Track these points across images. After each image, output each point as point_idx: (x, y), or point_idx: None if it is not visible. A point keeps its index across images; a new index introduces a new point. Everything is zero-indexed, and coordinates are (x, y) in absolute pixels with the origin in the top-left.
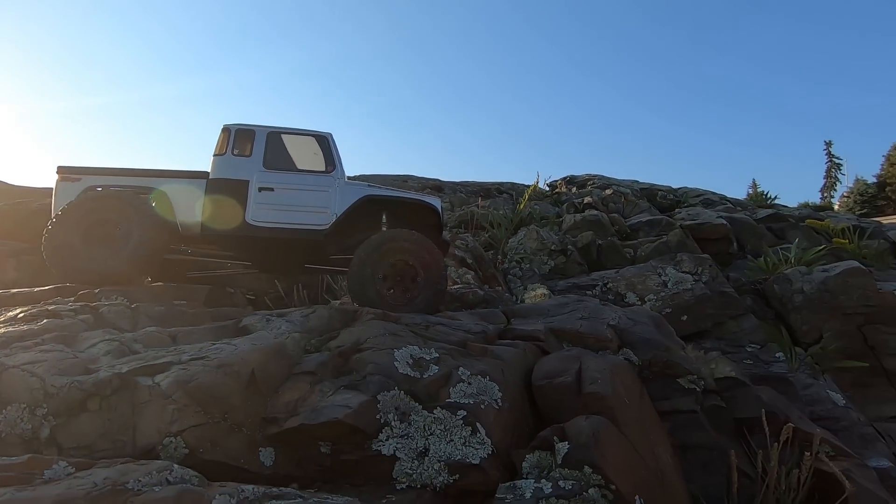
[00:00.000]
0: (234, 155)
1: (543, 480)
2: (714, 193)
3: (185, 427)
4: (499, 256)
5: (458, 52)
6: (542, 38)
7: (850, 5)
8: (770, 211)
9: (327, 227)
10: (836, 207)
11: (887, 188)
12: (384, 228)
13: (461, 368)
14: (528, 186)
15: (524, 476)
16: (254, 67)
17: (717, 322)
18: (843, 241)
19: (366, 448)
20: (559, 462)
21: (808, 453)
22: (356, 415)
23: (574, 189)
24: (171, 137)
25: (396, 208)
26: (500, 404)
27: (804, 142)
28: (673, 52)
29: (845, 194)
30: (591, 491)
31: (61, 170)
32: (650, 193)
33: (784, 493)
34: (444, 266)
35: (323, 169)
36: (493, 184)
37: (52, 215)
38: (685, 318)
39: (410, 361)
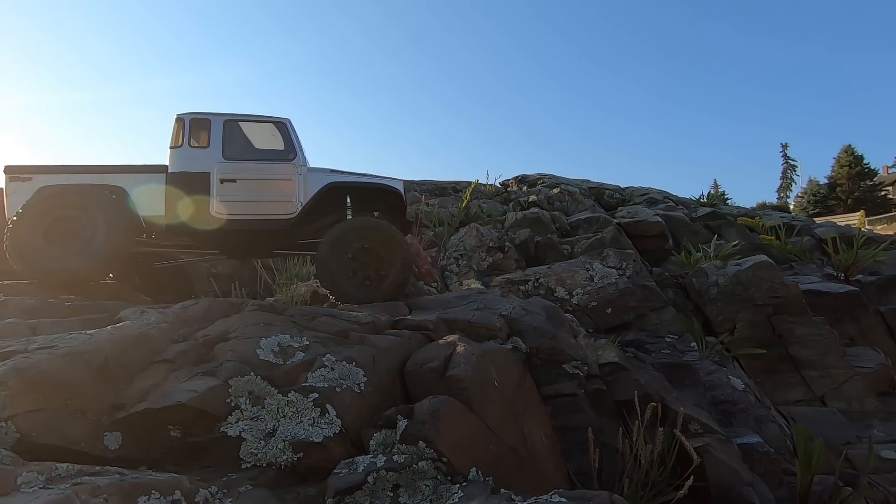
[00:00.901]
0: (192, 147)
1: (381, 455)
2: (659, 192)
3: (18, 412)
4: (441, 253)
5: (431, 51)
6: (522, 37)
7: (801, 16)
8: (708, 209)
9: (294, 215)
10: (791, 207)
11: (837, 189)
12: (349, 213)
13: (328, 355)
14: (483, 185)
15: (371, 453)
16: (251, 62)
17: (639, 314)
18: (770, 237)
19: (214, 431)
20: (397, 438)
21: (675, 431)
22: (203, 398)
23: (525, 188)
24: (164, 134)
25: (360, 192)
26: (362, 388)
27: (764, 144)
28: (640, 57)
29: (800, 194)
30: (421, 464)
31: (9, 169)
32: (598, 192)
33: (650, 467)
34: (408, 251)
35: (283, 156)
36: (450, 182)
37: (7, 217)
38: (609, 310)
39: (276, 349)
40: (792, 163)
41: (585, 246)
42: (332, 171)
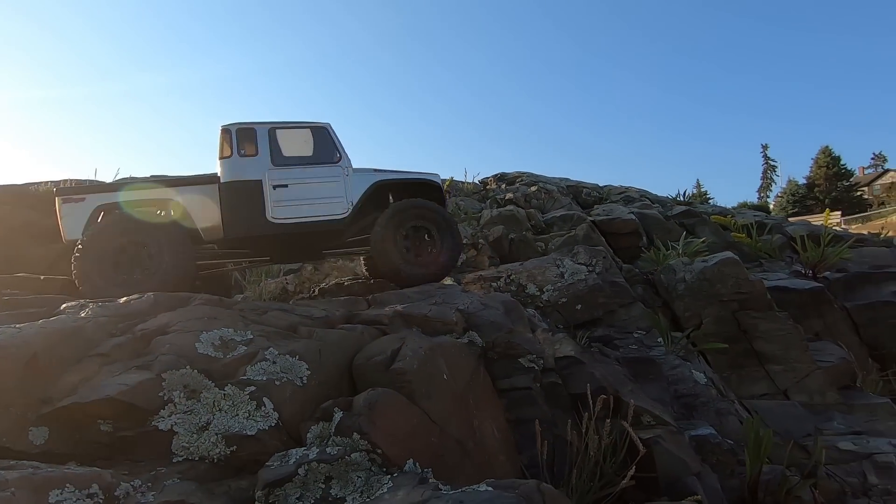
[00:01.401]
0: (241, 156)
1: (315, 448)
2: (638, 191)
3: None
4: None
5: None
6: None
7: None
8: (683, 208)
9: (346, 215)
10: (771, 206)
11: (815, 189)
12: None
13: (271, 349)
14: (462, 183)
15: (308, 445)
16: (249, 57)
17: (608, 310)
18: (741, 235)
19: (145, 425)
20: (332, 431)
21: (623, 422)
22: (133, 392)
23: (504, 185)
24: (160, 129)
25: (402, 188)
26: (304, 381)
27: (746, 144)
28: (628, 54)
29: (779, 194)
30: (354, 455)
31: (62, 191)
32: (576, 190)
33: (602, 459)
34: (457, 230)
35: (329, 159)
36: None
37: (64, 238)
38: (579, 306)
39: (217, 343)
40: (772, 163)
41: (559, 243)
42: (375, 170)
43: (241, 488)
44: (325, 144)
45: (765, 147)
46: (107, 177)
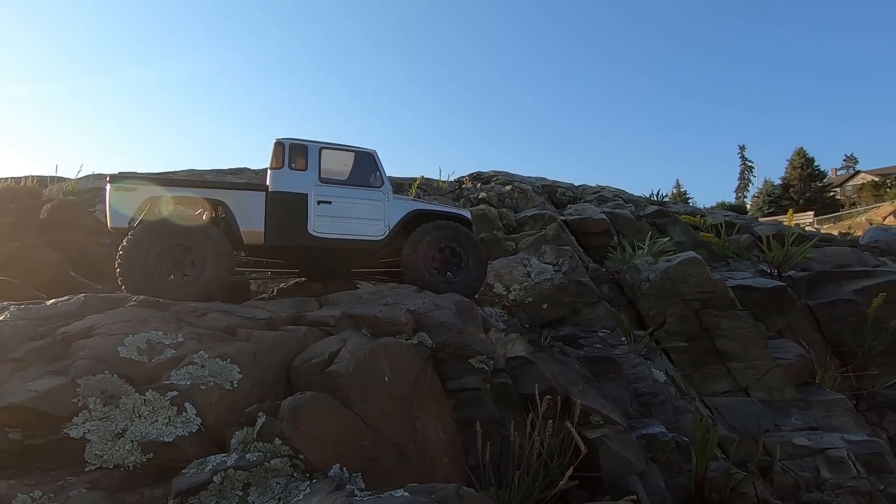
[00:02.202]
0: (292, 169)
1: (234, 454)
2: (615, 190)
3: None
4: None
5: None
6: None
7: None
8: (656, 207)
9: (383, 237)
10: (748, 207)
11: (790, 189)
12: None
13: (201, 352)
14: (437, 181)
15: (232, 451)
16: (241, 53)
17: (573, 309)
18: (709, 235)
19: (57, 432)
20: (255, 436)
21: (566, 423)
22: (42, 399)
23: (479, 185)
24: (149, 124)
25: (436, 219)
26: (235, 385)
27: (724, 145)
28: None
29: (756, 195)
30: (275, 461)
31: (115, 178)
32: (551, 190)
33: (549, 458)
34: (483, 258)
35: (372, 182)
36: (407, 179)
37: (109, 225)
38: (545, 306)
39: (143, 346)
40: (749, 164)
41: (529, 242)
42: (412, 199)
43: (154, 497)
44: (370, 169)
45: (742, 148)
46: (69, 173)
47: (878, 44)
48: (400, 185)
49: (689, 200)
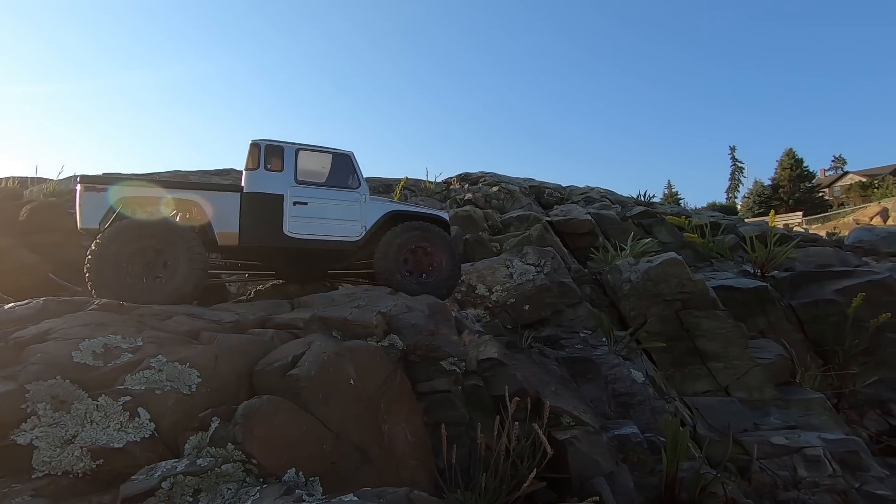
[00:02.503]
0: (267, 170)
1: (185, 459)
2: (604, 191)
3: None
4: None
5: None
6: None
7: (744, 38)
8: (642, 208)
9: (359, 238)
10: (738, 207)
11: (780, 190)
12: None
13: (160, 356)
14: (424, 182)
15: (186, 456)
16: (239, 56)
17: (555, 310)
18: (693, 235)
19: (5, 439)
20: (207, 441)
21: (534, 425)
22: None
23: (466, 185)
24: (147, 126)
25: (413, 220)
26: (193, 389)
27: (716, 146)
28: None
29: (746, 195)
30: (226, 466)
31: (85, 179)
32: (538, 191)
33: (519, 459)
34: (456, 252)
35: (349, 184)
36: (396, 179)
37: (79, 226)
38: (527, 307)
39: (99, 351)
40: (739, 165)
41: (513, 243)
42: (390, 201)
43: None
44: (347, 170)
45: (733, 149)
46: (50, 174)
47: (870, 41)
48: (388, 186)
49: (681, 201)
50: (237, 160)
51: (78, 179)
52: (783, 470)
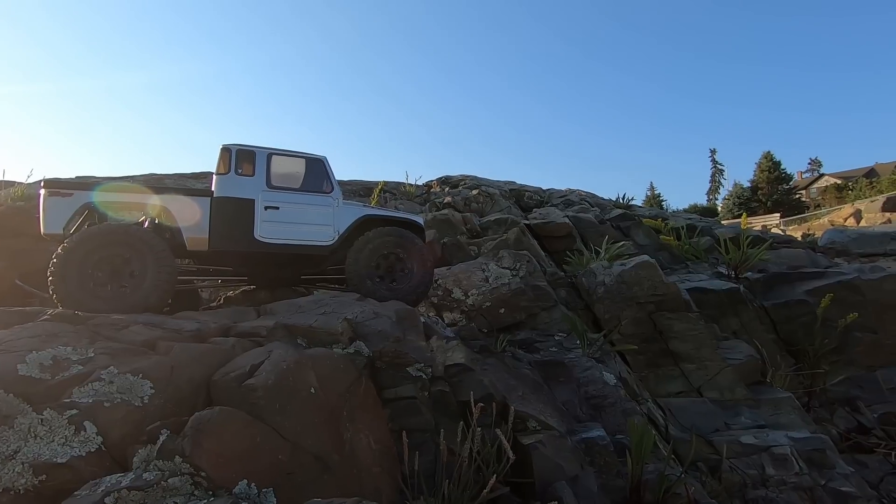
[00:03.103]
0: (238, 175)
1: (132, 473)
2: (585, 194)
3: None
4: None
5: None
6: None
7: (722, 37)
8: (621, 211)
9: (332, 243)
10: (719, 208)
11: (759, 192)
12: None
13: (111, 368)
14: (404, 185)
15: (134, 470)
16: (234, 56)
17: (530, 314)
18: (668, 238)
19: None
20: (155, 455)
21: (496, 430)
22: None
23: (447, 189)
24: (140, 128)
25: (387, 224)
26: (145, 401)
27: (696, 149)
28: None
29: (726, 197)
30: (173, 480)
31: (49, 183)
32: (519, 194)
33: (484, 465)
34: (428, 256)
35: (322, 188)
36: (375, 183)
37: (42, 231)
38: (503, 310)
39: (48, 363)
40: (720, 167)
41: (491, 247)
42: (364, 205)
43: None
44: (319, 175)
45: (713, 151)
46: (18, 177)
47: (847, 42)
48: (369, 189)
49: (663, 203)
50: None
51: (42, 184)
52: (752, 469)
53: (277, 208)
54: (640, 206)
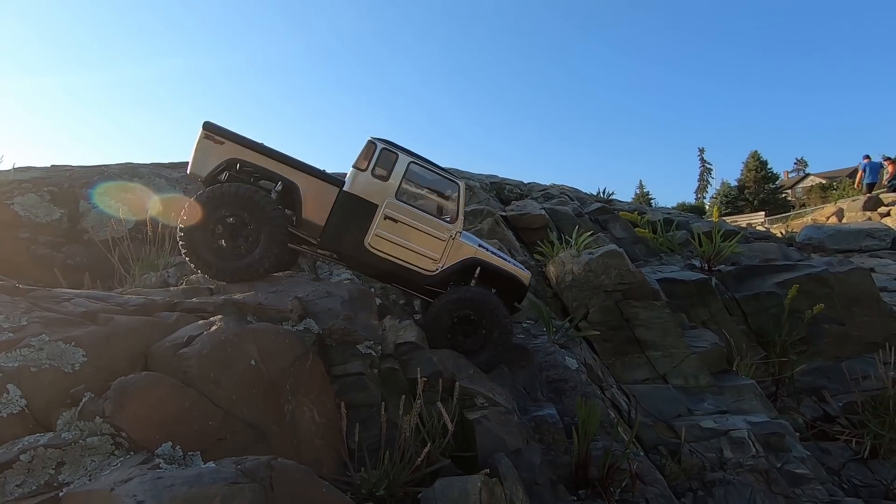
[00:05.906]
0: (374, 175)
1: (50, 433)
2: (563, 188)
3: None
4: None
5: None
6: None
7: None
8: (599, 205)
9: (434, 273)
10: (707, 207)
11: (746, 191)
12: (473, 283)
13: (43, 335)
14: None
15: (57, 431)
16: (240, 49)
17: None
18: (644, 231)
19: None
20: (76, 416)
21: (438, 404)
22: None
23: None
24: (146, 121)
25: (491, 271)
26: (76, 368)
27: (687, 147)
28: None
29: (714, 195)
30: (91, 439)
31: (209, 126)
32: (499, 187)
33: (430, 438)
34: (509, 326)
35: (446, 214)
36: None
37: (189, 171)
38: None
39: None
40: (708, 166)
41: None
42: (480, 244)
43: None
44: (448, 200)
45: (702, 150)
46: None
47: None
48: None
49: (652, 201)
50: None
51: (204, 125)
52: (710, 452)
53: (395, 221)
54: (620, 201)
